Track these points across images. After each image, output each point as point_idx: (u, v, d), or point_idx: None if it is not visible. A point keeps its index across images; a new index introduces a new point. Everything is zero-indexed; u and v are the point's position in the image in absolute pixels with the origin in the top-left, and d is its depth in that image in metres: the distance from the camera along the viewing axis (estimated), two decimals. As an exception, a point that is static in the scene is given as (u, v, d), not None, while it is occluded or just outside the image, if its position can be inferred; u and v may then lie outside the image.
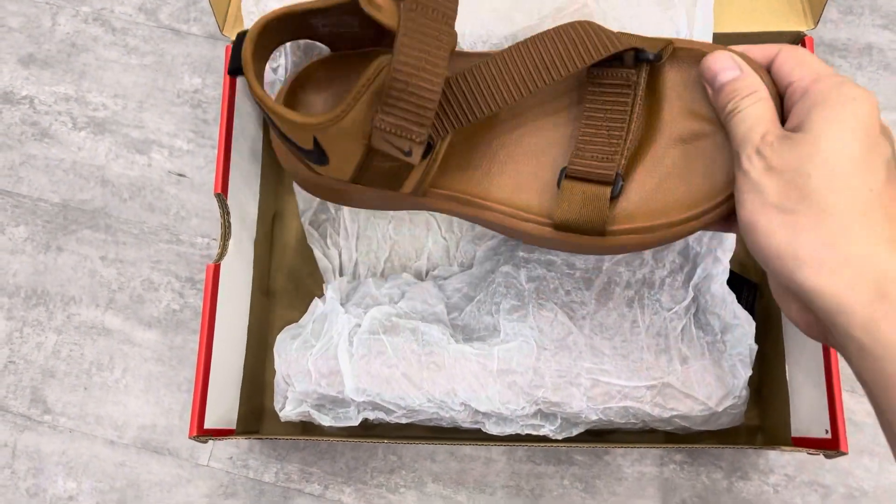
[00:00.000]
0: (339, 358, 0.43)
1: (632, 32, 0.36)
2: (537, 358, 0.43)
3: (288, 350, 0.45)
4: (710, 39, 0.44)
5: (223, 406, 0.46)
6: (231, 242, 0.47)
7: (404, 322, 0.45)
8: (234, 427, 0.48)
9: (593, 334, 0.44)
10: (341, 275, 0.52)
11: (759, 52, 0.34)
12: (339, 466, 0.54)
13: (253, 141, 0.51)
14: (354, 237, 0.52)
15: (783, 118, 0.32)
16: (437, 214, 0.53)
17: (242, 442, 0.55)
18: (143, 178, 0.60)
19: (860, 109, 0.29)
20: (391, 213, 0.52)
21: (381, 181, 0.36)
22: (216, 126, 0.60)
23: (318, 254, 0.52)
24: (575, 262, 0.45)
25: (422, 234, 0.53)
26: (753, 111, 0.32)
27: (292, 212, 0.57)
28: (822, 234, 0.28)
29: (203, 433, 0.43)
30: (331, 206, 0.51)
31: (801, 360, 0.45)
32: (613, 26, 0.40)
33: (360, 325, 0.45)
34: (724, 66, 0.33)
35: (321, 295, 0.50)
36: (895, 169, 0.29)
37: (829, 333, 0.30)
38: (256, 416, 0.53)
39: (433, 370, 0.43)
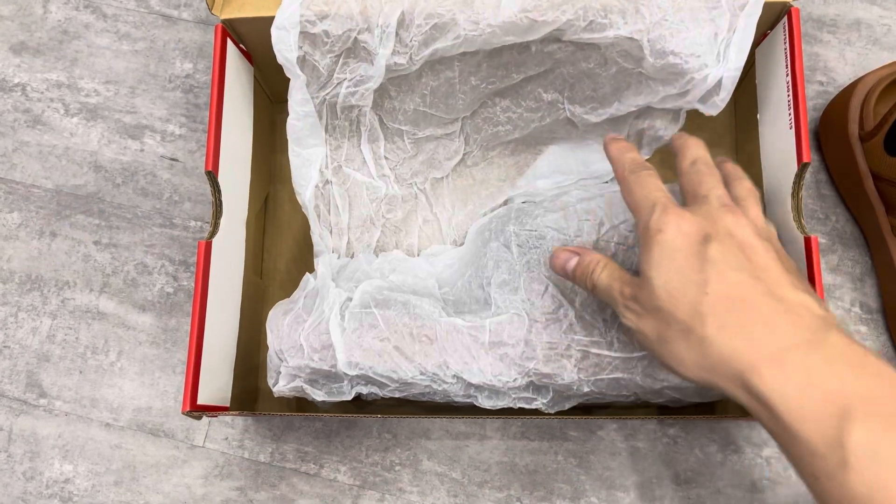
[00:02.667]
0: (330, 332, 0.43)
1: (671, 25, 0.41)
2: (528, 330, 0.43)
3: (280, 325, 0.45)
4: (747, 48, 0.44)
5: (216, 384, 0.46)
6: (223, 221, 0.47)
7: (396, 295, 0.45)
8: (227, 405, 0.48)
9: (584, 307, 0.44)
10: (334, 252, 0.52)
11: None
12: (335, 445, 0.54)
13: (244, 121, 0.52)
14: (347, 214, 0.52)
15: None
16: (427, 192, 0.53)
17: (238, 423, 0.55)
18: (135, 163, 0.60)
19: (666, 240, 0.34)
20: (383, 190, 0.52)
21: None
22: (208, 110, 0.60)
23: (312, 230, 0.52)
24: (567, 236, 0.45)
25: (413, 211, 0.53)
26: (603, 279, 0.38)
27: (285, 194, 0.57)
28: (692, 346, 0.33)
29: (196, 408, 0.43)
30: (320, 184, 0.52)
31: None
32: (655, 14, 0.42)
33: (351, 299, 0.45)
34: (565, 257, 0.40)
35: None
36: (723, 254, 0.34)
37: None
38: (251, 396, 0.53)
39: (425, 343, 0.43)
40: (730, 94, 0.45)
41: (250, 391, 0.53)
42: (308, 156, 0.50)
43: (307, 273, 0.49)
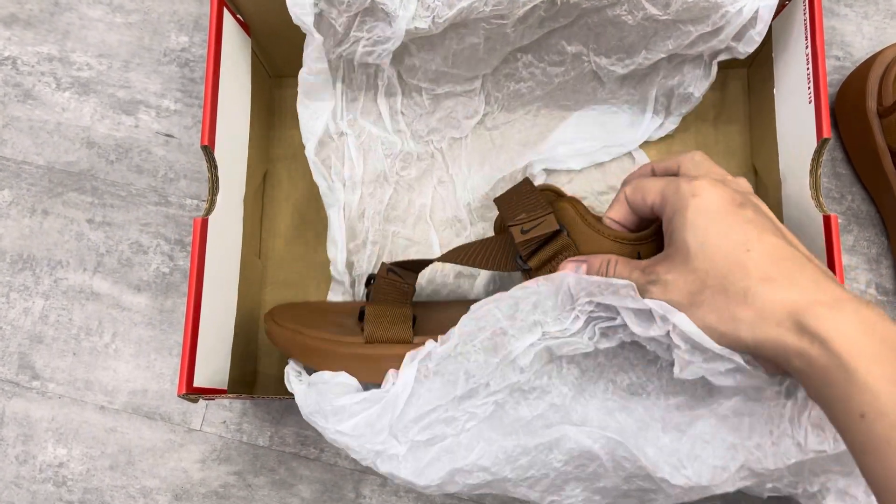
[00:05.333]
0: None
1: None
2: None
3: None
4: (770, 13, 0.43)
5: (213, 367, 0.45)
6: (219, 198, 0.45)
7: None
8: (225, 389, 0.46)
9: None
10: (344, 210, 0.51)
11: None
12: (335, 429, 0.52)
13: (241, 95, 0.50)
14: (361, 167, 0.51)
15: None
16: (444, 152, 0.54)
17: (236, 406, 0.53)
18: (129, 139, 0.58)
19: (702, 202, 0.34)
20: (398, 146, 0.53)
21: None
22: (204, 85, 0.58)
23: (322, 188, 0.51)
24: None
25: (428, 170, 0.52)
26: (619, 271, 0.37)
27: (284, 172, 0.56)
28: (732, 302, 0.32)
29: (193, 391, 0.41)
30: (335, 135, 0.51)
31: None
32: None
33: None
34: (572, 266, 0.39)
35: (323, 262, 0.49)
36: (758, 217, 0.34)
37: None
38: (249, 380, 0.52)
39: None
40: (766, 27, 0.44)
41: (248, 374, 0.52)
42: (316, 108, 0.49)
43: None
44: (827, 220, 0.41)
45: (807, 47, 0.44)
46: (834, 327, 0.30)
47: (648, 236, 0.40)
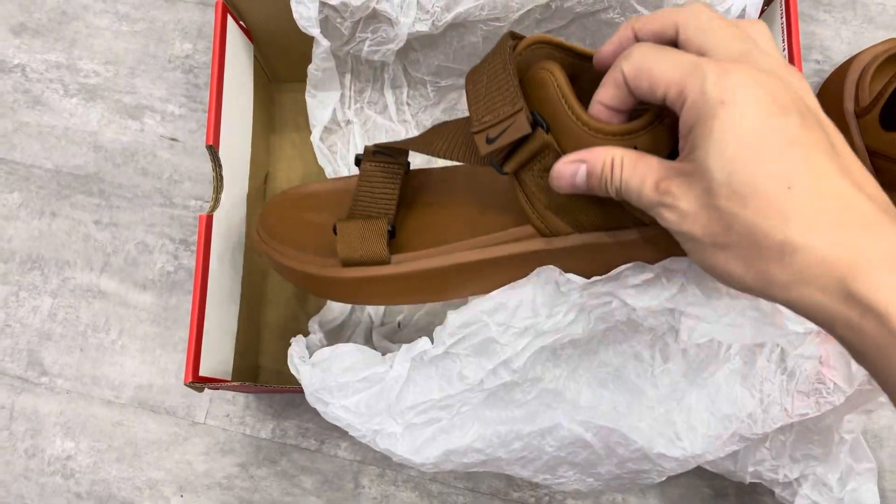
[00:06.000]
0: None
1: None
2: None
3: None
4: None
5: (217, 359, 0.47)
6: (223, 196, 0.47)
7: None
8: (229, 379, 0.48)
9: None
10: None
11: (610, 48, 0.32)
12: (335, 422, 0.54)
13: (244, 98, 0.52)
14: None
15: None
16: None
17: (239, 400, 0.55)
18: (135, 143, 0.60)
19: (733, 115, 0.26)
20: (403, 135, 0.55)
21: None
22: (208, 90, 0.60)
23: (328, 172, 0.54)
24: None
25: (432, 160, 0.55)
26: (629, 177, 0.29)
27: (283, 174, 0.58)
28: (764, 256, 0.26)
29: (198, 380, 0.43)
30: (342, 122, 0.54)
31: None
32: None
33: None
34: (570, 170, 0.31)
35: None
36: (807, 131, 0.26)
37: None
38: (252, 373, 0.54)
39: None
40: None
41: (251, 368, 0.53)
42: (323, 98, 0.53)
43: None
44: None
45: (784, 49, 0.46)
46: (890, 293, 0.24)
47: (645, 125, 0.30)
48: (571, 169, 0.31)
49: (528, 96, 0.32)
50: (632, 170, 0.29)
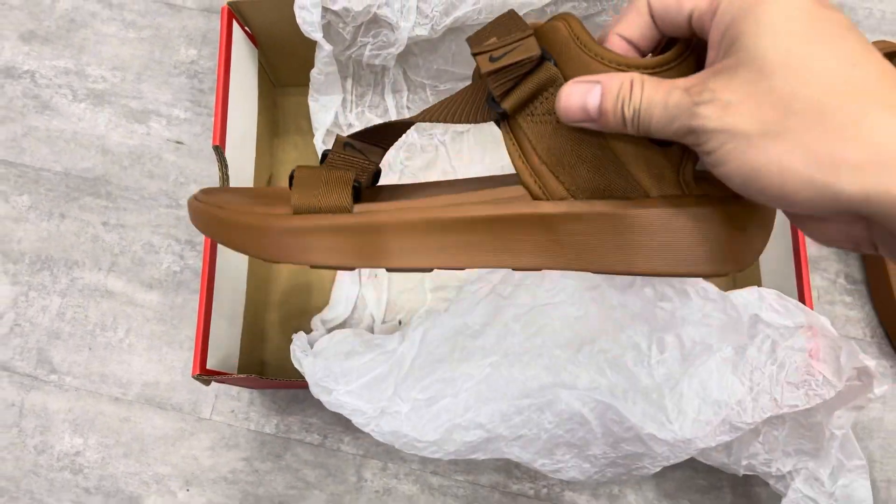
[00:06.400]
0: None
1: None
2: None
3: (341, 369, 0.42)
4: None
5: (224, 353, 0.48)
6: (229, 195, 0.48)
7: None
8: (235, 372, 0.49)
9: None
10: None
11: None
12: (338, 417, 0.55)
13: (249, 100, 0.53)
14: None
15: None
16: (447, 145, 0.58)
17: (244, 395, 0.56)
18: (142, 146, 0.62)
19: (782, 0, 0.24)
20: (403, 139, 0.56)
21: None
22: (212, 95, 0.62)
23: None
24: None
25: (433, 161, 0.56)
26: (649, 94, 0.26)
27: (286, 175, 0.59)
28: (832, 135, 0.23)
29: (205, 372, 0.44)
30: (344, 126, 0.56)
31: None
32: None
33: None
34: (580, 91, 0.28)
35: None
36: (857, 31, 0.24)
37: (885, 241, 0.25)
38: (256, 370, 0.55)
39: None
40: None
41: (256, 365, 0.55)
42: (325, 102, 0.54)
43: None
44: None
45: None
46: None
47: (670, 60, 0.28)
48: (583, 89, 0.27)
49: (539, 41, 0.29)
50: (654, 87, 0.26)
